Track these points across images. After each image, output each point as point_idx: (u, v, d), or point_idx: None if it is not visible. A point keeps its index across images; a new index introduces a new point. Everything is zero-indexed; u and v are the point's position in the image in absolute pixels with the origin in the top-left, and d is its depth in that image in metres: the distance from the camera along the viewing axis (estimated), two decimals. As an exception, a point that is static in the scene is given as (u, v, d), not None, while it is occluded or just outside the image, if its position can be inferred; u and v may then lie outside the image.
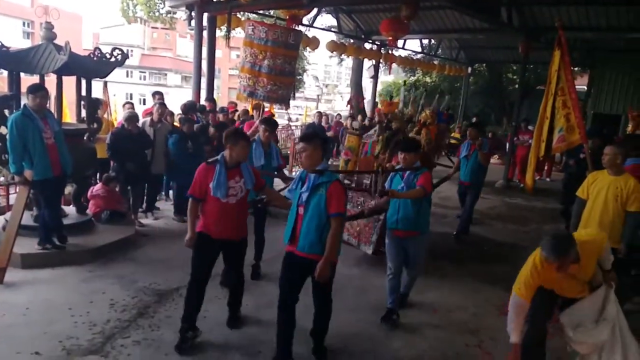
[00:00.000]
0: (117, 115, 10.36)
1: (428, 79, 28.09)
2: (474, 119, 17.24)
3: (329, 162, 13.60)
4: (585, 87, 19.55)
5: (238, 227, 4.62)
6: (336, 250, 4.13)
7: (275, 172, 6.33)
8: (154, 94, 9.49)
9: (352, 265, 6.67)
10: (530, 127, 13.05)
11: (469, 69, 21.95)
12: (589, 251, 3.82)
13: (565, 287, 3.97)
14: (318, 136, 4.37)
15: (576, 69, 19.28)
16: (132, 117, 7.56)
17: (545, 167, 15.06)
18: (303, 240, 4.13)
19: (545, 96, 6.60)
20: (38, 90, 5.68)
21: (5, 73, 6.31)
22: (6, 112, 6.01)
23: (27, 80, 6.27)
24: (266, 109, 9.96)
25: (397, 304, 5.26)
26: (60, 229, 6.26)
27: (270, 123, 6.24)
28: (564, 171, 10.09)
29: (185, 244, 4.47)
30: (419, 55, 20.44)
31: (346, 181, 7.23)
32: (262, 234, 6.19)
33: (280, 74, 8.01)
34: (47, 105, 5.97)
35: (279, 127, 17.52)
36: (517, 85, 20.52)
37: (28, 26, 31.07)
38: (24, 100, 5.80)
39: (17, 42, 25.75)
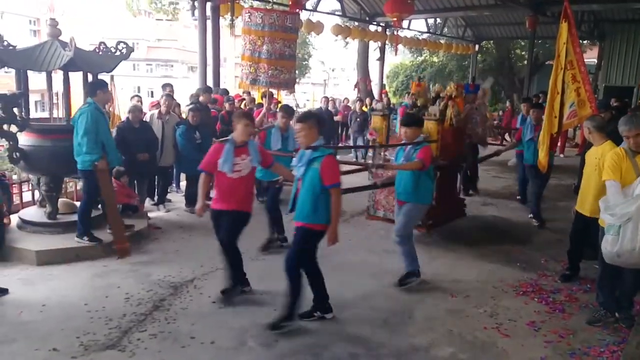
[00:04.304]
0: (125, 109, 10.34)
1: (435, 59, 27.87)
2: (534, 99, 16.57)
3: (340, 144, 13.61)
4: (596, 60, 19.28)
5: (241, 200, 4.89)
6: (338, 218, 4.40)
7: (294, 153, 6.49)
8: (164, 85, 9.45)
9: (363, 251, 6.66)
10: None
11: (477, 47, 21.71)
12: None
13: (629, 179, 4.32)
14: (313, 116, 4.66)
15: (585, 42, 19.02)
16: (133, 109, 7.65)
17: (559, 143, 14.85)
18: (298, 211, 4.46)
19: (555, 70, 6.49)
20: (105, 85, 6.24)
21: (13, 71, 6.32)
22: (15, 110, 6.00)
23: (34, 77, 6.29)
24: (274, 96, 9.88)
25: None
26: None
27: (287, 110, 6.64)
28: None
29: (196, 213, 5.01)
30: (425, 35, 20.27)
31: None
32: (278, 211, 6.43)
33: (280, 57, 7.98)
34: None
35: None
36: (525, 62, 20.27)
37: (34, 24, 31.11)
38: (32, 98, 5.85)
39: (24, 40, 25.84)
